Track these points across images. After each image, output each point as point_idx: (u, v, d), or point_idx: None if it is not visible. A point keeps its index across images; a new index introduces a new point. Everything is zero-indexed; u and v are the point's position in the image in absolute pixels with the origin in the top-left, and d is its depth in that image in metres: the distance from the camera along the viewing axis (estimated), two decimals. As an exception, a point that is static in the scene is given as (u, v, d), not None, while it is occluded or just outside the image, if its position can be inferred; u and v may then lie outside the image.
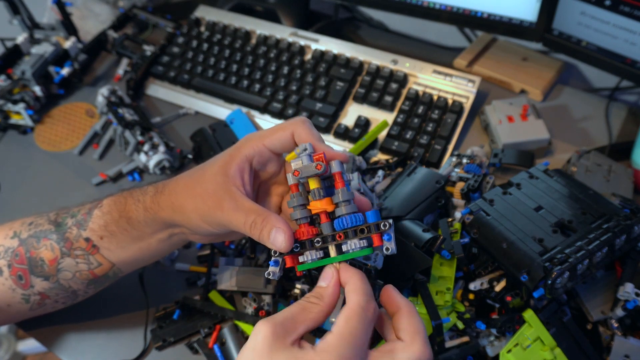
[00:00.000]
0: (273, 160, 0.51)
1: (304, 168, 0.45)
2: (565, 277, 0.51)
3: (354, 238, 0.44)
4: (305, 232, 0.45)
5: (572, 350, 0.53)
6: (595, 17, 0.74)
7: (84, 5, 1.02)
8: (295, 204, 0.46)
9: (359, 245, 0.43)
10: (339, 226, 0.44)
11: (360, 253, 0.44)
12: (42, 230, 0.56)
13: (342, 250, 0.44)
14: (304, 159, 0.46)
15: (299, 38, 0.91)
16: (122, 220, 0.54)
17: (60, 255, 0.55)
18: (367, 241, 0.44)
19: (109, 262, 0.55)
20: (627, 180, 0.70)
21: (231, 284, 0.62)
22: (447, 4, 0.84)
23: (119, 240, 0.54)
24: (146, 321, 0.64)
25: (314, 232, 0.45)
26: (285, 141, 0.49)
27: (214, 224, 0.49)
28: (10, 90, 0.86)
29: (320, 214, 0.45)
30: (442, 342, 0.55)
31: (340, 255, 0.44)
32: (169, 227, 0.53)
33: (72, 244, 0.55)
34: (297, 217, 0.45)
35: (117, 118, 0.81)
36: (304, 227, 0.45)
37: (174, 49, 0.93)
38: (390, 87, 0.82)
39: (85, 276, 0.56)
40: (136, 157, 0.79)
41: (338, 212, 0.45)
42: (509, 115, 0.79)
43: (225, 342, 0.61)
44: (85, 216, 0.56)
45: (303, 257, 0.45)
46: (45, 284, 0.55)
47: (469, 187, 0.66)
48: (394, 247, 0.43)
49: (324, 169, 0.45)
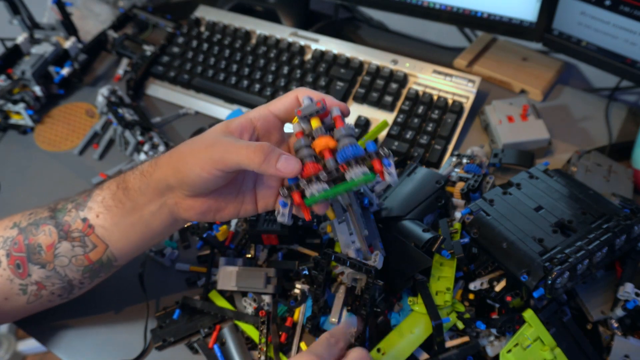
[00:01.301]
0: (277, 128, 0.54)
1: (306, 107, 0.50)
2: (565, 277, 0.51)
3: (356, 166, 0.47)
4: (311, 168, 0.48)
5: (572, 350, 0.53)
6: (595, 17, 0.74)
7: (84, 5, 1.02)
8: (301, 144, 0.50)
9: (361, 171, 0.47)
10: (342, 158, 0.48)
11: (363, 179, 0.47)
12: (42, 217, 0.57)
13: (346, 179, 0.47)
14: (306, 100, 0.51)
15: (299, 38, 0.91)
16: (119, 192, 0.55)
17: (58, 240, 0.55)
18: (368, 167, 0.47)
19: (103, 243, 0.56)
20: (627, 180, 0.70)
21: (231, 284, 0.62)
22: (447, 4, 0.84)
23: (113, 215, 0.55)
24: (146, 321, 0.64)
25: (319, 168, 0.48)
26: (289, 106, 0.52)
27: (209, 163, 0.49)
28: (10, 90, 0.86)
29: (324, 151, 0.49)
30: (442, 342, 0.55)
31: (344, 183, 0.48)
32: (162, 194, 0.54)
33: (70, 227, 0.56)
34: (303, 155, 0.49)
35: (117, 118, 0.81)
36: (310, 164, 0.49)
37: (174, 49, 0.93)
38: (390, 87, 0.82)
39: (81, 262, 0.56)
40: (136, 157, 0.79)
41: (340, 146, 0.48)
42: (509, 115, 0.79)
43: (225, 342, 0.61)
44: (85, 198, 0.57)
45: (309, 190, 0.48)
46: (42, 272, 0.56)
47: (469, 187, 0.66)
48: (395, 173, 0.47)
49: (323, 107, 0.49)
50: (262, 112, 0.52)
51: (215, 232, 0.69)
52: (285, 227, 0.62)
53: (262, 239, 0.64)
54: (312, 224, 0.65)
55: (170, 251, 0.69)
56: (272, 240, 0.64)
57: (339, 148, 0.48)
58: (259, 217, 0.64)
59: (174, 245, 0.70)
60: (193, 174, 0.50)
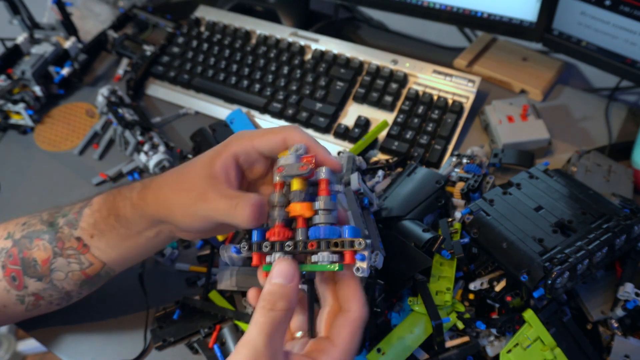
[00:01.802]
0: (261, 161, 0.50)
1: (289, 166, 0.44)
2: (565, 277, 0.51)
3: (325, 250, 0.41)
4: (277, 232, 0.43)
5: (572, 350, 0.53)
6: (595, 17, 0.74)
7: (84, 5, 1.02)
8: (275, 203, 0.44)
9: (328, 259, 0.41)
10: (314, 235, 0.42)
11: (328, 267, 0.42)
12: (35, 230, 0.56)
13: (312, 260, 0.42)
14: (292, 157, 0.45)
15: (299, 38, 0.91)
16: (110, 217, 0.54)
17: (53, 256, 0.55)
18: (338, 256, 0.42)
19: (100, 261, 0.55)
20: (627, 180, 0.70)
21: (231, 284, 0.62)
22: (447, 4, 0.84)
23: (108, 239, 0.54)
24: (146, 321, 0.64)
25: (287, 235, 0.43)
26: (275, 145, 0.48)
27: (198, 218, 0.48)
28: (10, 90, 0.86)
29: (298, 218, 0.43)
30: (442, 342, 0.55)
31: (307, 265, 0.43)
32: (157, 225, 0.53)
33: (64, 244, 0.55)
34: (274, 216, 0.44)
35: (117, 118, 0.81)
36: (278, 227, 0.43)
37: (174, 49, 0.93)
38: (390, 87, 0.82)
39: (78, 277, 0.56)
40: (136, 157, 0.79)
41: (316, 219, 0.43)
42: (509, 115, 0.79)
43: (225, 342, 0.61)
44: (76, 215, 0.56)
45: (270, 258, 0.43)
46: (39, 284, 0.55)
47: (469, 187, 0.66)
48: (367, 270, 0.41)
49: (308, 171, 0.43)
50: (246, 147, 0.49)
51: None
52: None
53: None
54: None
55: (170, 251, 0.69)
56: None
57: (314, 222, 0.43)
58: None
59: (174, 245, 0.70)
60: (184, 224, 0.50)
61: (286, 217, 0.44)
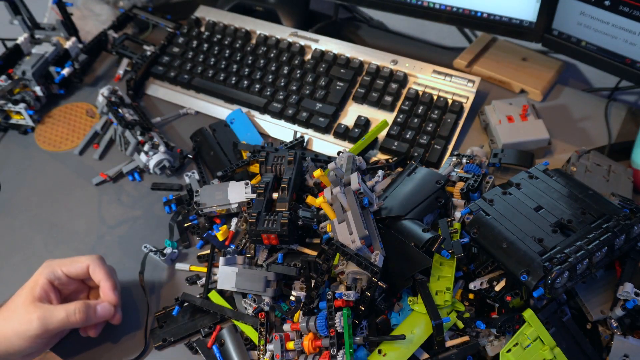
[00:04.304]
0: (73, 282, 0.62)
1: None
2: (565, 277, 0.51)
3: None
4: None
5: (571, 350, 0.53)
6: (595, 17, 0.74)
7: (84, 5, 1.02)
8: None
9: None
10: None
11: None
12: None
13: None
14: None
15: (299, 38, 0.91)
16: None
17: None
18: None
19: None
20: (627, 180, 0.70)
21: (231, 284, 0.62)
22: (447, 4, 0.84)
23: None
24: (146, 321, 0.64)
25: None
26: (80, 271, 0.61)
27: (38, 340, 0.57)
28: (11, 90, 0.86)
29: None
30: (442, 342, 0.55)
31: None
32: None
33: None
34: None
35: (117, 118, 0.81)
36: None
37: (174, 49, 0.93)
38: (390, 87, 0.82)
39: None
40: (136, 157, 0.79)
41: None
42: (508, 115, 0.79)
43: (224, 343, 0.61)
44: None
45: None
46: None
47: (468, 187, 0.66)
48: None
49: None
50: (57, 274, 0.60)
51: (215, 232, 0.69)
52: (285, 227, 0.62)
53: (262, 239, 0.64)
54: (312, 224, 0.65)
55: (170, 251, 0.69)
56: (272, 240, 0.64)
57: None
58: (259, 216, 0.64)
59: (174, 245, 0.70)
60: (19, 347, 0.57)
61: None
